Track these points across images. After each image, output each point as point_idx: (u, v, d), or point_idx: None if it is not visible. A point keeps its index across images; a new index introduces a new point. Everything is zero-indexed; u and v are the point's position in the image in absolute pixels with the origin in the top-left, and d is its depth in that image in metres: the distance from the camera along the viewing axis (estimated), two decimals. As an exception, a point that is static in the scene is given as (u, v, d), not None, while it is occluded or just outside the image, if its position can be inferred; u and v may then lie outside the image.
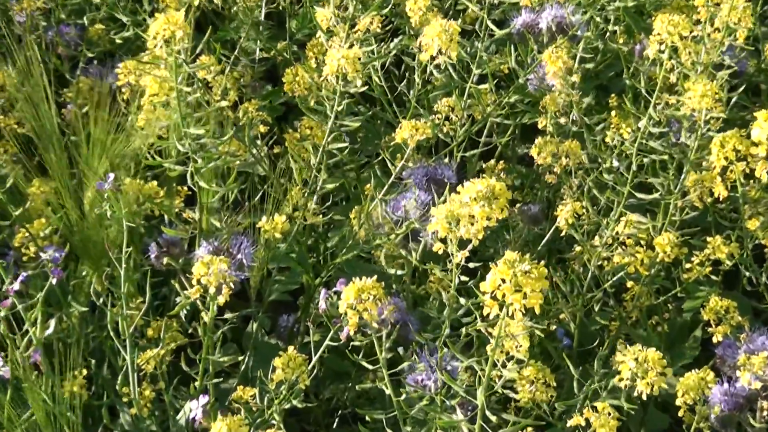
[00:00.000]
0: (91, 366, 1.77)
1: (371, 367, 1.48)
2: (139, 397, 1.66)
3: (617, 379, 1.48)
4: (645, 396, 1.46)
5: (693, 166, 1.75)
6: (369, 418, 1.67)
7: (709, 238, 1.76)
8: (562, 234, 1.78)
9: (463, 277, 1.38)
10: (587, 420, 1.43)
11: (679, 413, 1.55)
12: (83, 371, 1.64)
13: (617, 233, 1.75)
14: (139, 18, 2.18)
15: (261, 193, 1.89)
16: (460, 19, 2.14)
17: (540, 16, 1.91)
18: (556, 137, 1.88)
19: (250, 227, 1.78)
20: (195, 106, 1.67)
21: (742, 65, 1.95)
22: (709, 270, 1.77)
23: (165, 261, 1.70)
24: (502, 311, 1.28)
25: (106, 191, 1.59)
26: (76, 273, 1.83)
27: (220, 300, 1.49)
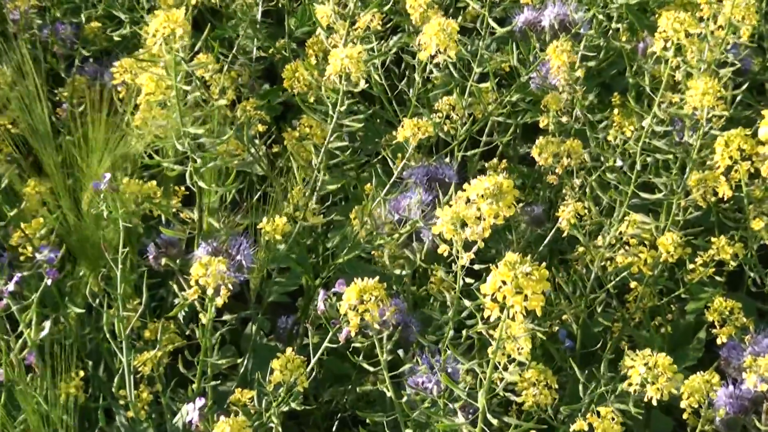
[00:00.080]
0: (87, 368, 1.76)
1: (372, 369, 1.47)
2: (136, 399, 1.64)
3: (626, 384, 1.46)
4: (655, 402, 1.44)
5: (696, 165, 1.73)
6: (369, 421, 1.66)
7: (714, 239, 1.75)
8: (564, 234, 1.77)
9: (468, 279, 1.37)
10: (590, 425, 1.42)
11: (684, 416, 1.53)
12: (80, 372, 1.63)
13: (621, 233, 1.73)
14: (137, 15, 2.16)
15: (259, 193, 1.87)
16: (461, 16, 2.12)
17: (542, 13, 1.91)
18: (557, 136, 1.87)
19: (248, 227, 1.76)
20: (193, 105, 1.66)
21: (746, 63, 1.94)
22: (713, 271, 1.75)
23: (163, 262, 1.69)
24: (503, 313, 1.26)
25: (103, 191, 1.57)
26: (74, 274, 1.81)
27: (219, 302, 1.47)
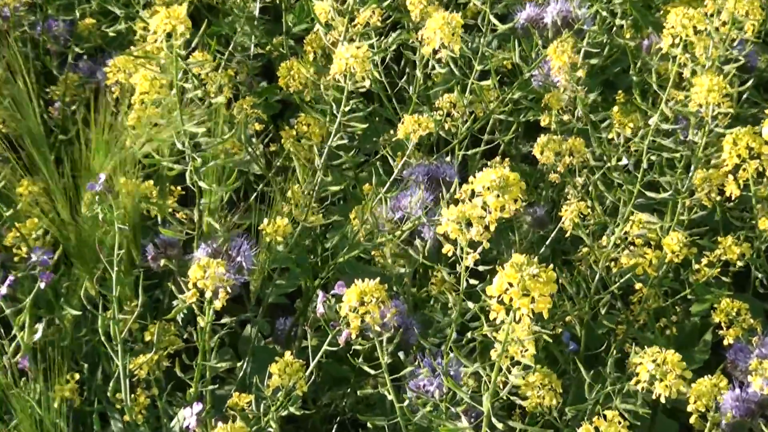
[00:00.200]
0: (83, 371, 1.74)
1: (373, 372, 1.45)
2: (133, 403, 1.63)
3: (634, 382, 1.44)
4: (663, 399, 1.42)
5: (701, 164, 1.71)
6: (371, 425, 1.65)
7: (720, 238, 1.73)
8: (567, 234, 1.74)
9: (472, 281, 1.35)
10: (597, 429, 1.39)
11: (691, 420, 1.50)
12: (75, 376, 1.62)
13: (626, 233, 1.71)
14: (132, 11, 2.13)
15: (257, 192, 1.85)
16: (461, 13, 2.10)
17: (545, 10, 1.90)
18: (560, 135, 1.85)
19: (248, 228, 1.74)
20: (189, 103, 1.63)
21: (752, 60, 1.92)
22: (719, 271, 1.73)
23: (162, 262, 1.67)
24: (508, 316, 1.24)
25: (98, 192, 1.54)
26: (69, 276, 1.79)
27: (217, 304, 1.45)
